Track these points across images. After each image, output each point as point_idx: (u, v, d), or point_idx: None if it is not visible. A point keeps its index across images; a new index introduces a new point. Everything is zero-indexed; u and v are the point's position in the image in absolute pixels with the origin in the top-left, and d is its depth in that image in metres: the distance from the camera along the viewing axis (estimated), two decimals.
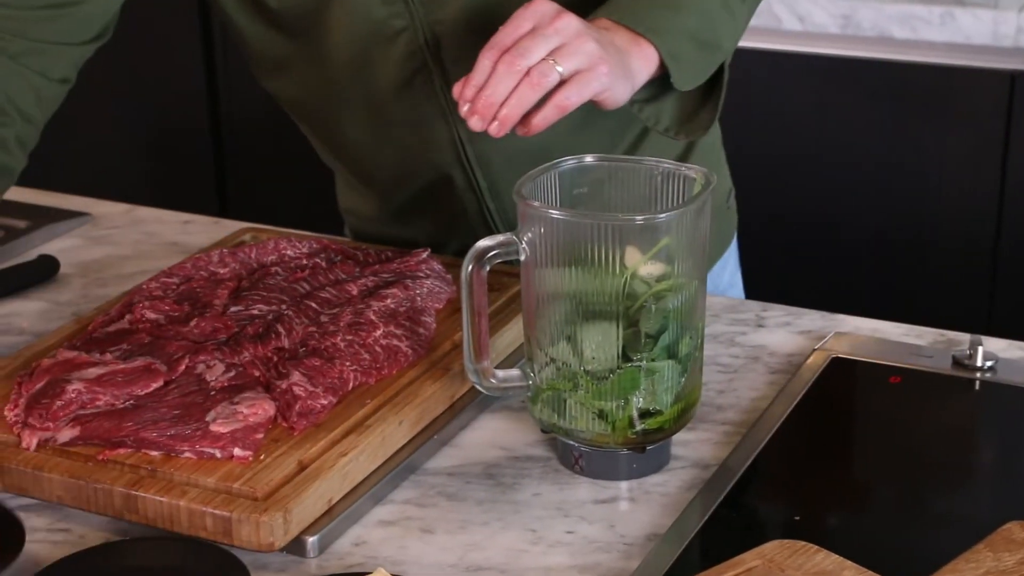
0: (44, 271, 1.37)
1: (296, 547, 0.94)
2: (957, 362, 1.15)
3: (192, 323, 1.12)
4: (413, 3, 1.18)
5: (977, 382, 1.14)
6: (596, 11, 1.11)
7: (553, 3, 1.05)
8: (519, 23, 1.03)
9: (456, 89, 1.03)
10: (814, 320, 1.26)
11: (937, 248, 2.24)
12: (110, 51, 3.02)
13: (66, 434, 0.99)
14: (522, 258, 1.00)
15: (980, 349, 1.15)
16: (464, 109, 1.02)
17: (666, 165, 1.04)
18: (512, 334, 1.15)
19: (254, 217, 1.65)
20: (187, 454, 0.97)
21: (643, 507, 1.00)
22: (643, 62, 1.09)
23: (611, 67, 1.04)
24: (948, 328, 1.23)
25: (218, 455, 0.97)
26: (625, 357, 0.98)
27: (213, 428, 0.99)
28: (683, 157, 1.34)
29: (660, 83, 1.14)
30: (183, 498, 0.93)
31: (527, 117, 1.03)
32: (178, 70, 2.80)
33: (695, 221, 0.99)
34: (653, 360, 0.98)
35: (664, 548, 0.93)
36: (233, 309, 1.14)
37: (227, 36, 2.75)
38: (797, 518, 0.97)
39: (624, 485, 1.02)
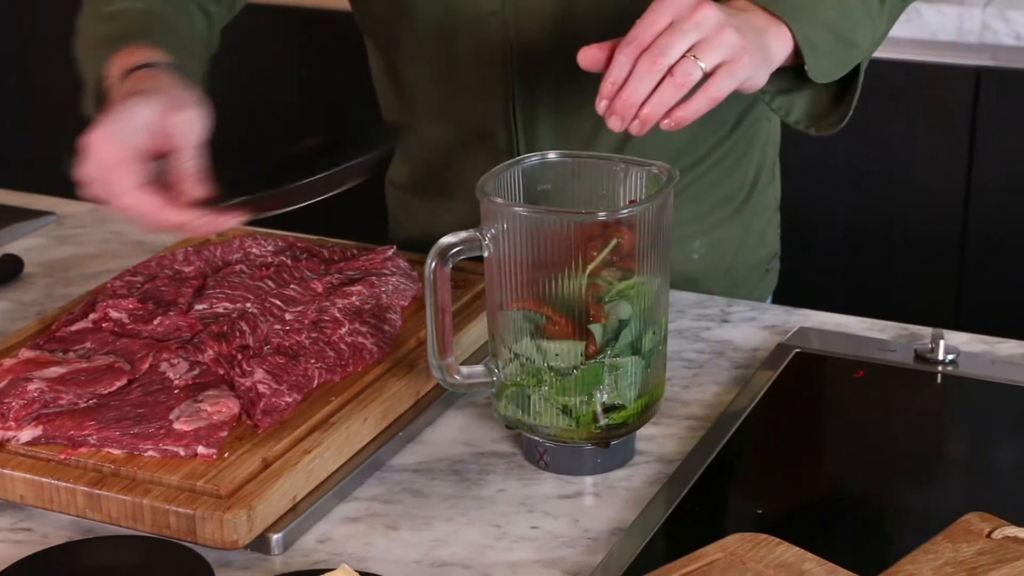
0: (8, 271, 1.37)
1: (260, 544, 0.94)
2: (919, 356, 1.16)
3: (156, 321, 1.12)
4: None
5: (939, 375, 1.15)
6: None
7: None
8: (657, 16, 1.01)
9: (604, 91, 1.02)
10: (778, 315, 1.26)
11: (904, 243, 2.26)
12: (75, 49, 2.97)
13: (28, 433, 0.99)
14: (486, 254, 1.00)
15: (942, 343, 1.16)
16: (601, 106, 1.01)
17: (629, 161, 1.04)
18: (477, 330, 1.15)
19: None
20: (150, 452, 0.97)
21: (607, 502, 1.00)
22: (780, 43, 1.07)
23: (752, 55, 1.03)
24: (915, 323, 1.24)
25: (182, 453, 0.97)
26: (588, 353, 0.98)
27: (177, 426, 0.98)
28: (740, 208, 1.37)
29: (794, 76, 1.13)
30: (146, 496, 0.93)
31: (672, 109, 1.01)
32: None
33: (658, 217, 0.99)
34: (616, 356, 0.99)
35: (628, 542, 0.94)
36: (197, 307, 1.14)
37: None
38: (760, 512, 0.98)
39: (588, 480, 1.03)
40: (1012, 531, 0.87)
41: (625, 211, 0.99)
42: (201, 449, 0.97)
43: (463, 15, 1.25)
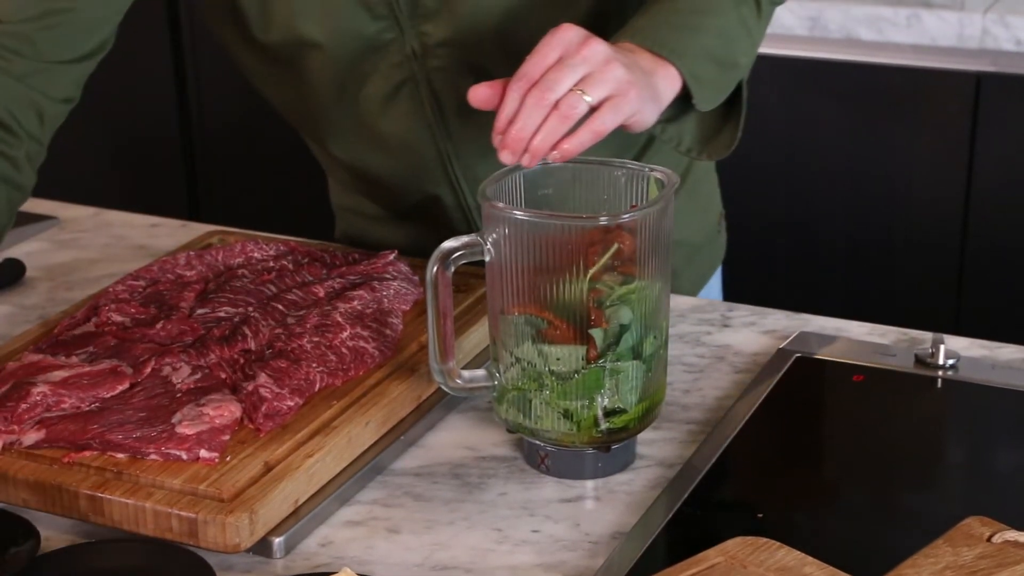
0: (10, 275, 1.37)
1: (262, 548, 0.95)
2: (920, 361, 1.16)
3: (158, 325, 1.12)
4: (401, 15, 1.19)
5: (939, 380, 1.15)
6: (617, 34, 1.11)
7: (580, 29, 1.04)
8: (546, 52, 1.03)
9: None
10: (779, 320, 1.27)
11: (904, 248, 2.26)
12: None
13: (31, 437, 0.99)
14: (487, 259, 1.01)
15: (942, 348, 1.16)
16: (496, 140, 1.02)
17: (630, 166, 1.05)
18: (479, 335, 1.15)
19: (224, 220, 1.65)
20: (153, 456, 0.97)
21: (608, 506, 1.00)
22: (668, 83, 1.10)
23: (639, 91, 1.04)
24: (915, 327, 1.24)
25: (184, 457, 0.97)
26: (589, 357, 0.98)
27: (179, 430, 0.99)
28: (684, 179, 1.36)
29: (680, 104, 1.14)
30: (149, 500, 0.93)
31: (559, 142, 1.02)
32: (147, 73, 2.80)
33: (659, 221, 1.00)
34: (617, 360, 0.99)
35: (629, 546, 0.94)
36: (199, 311, 1.14)
37: (195, 40, 2.75)
38: (760, 516, 0.98)
39: (589, 484, 1.03)
40: (1012, 535, 0.87)
41: (626, 216, 0.99)
42: (203, 453, 0.97)
43: (373, 89, 1.24)
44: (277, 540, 0.95)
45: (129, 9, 1.29)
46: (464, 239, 1.00)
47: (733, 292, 1.55)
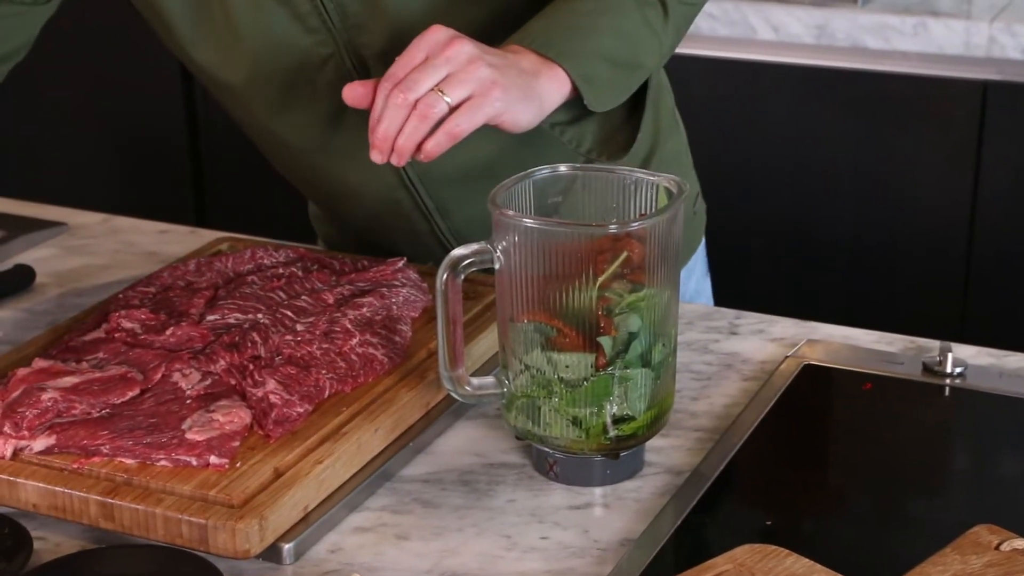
0: (20, 281, 1.38)
1: (272, 554, 0.95)
2: (927, 369, 1.16)
3: (168, 332, 1.12)
4: (335, 29, 1.18)
5: (947, 388, 1.15)
6: (509, 38, 1.11)
7: (448, 29, 1.05)
8: (413, 53, 1.05)
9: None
10: (787, 327, 1.27)
11: (911, 256, 2.26)
12: (86, 62, 3.02)
13: (41, 443, 0.99)
14: (496, 267, 1.01)
15: (950, 356, 1.16)
16: (371, 139, 1.04)
17: (639, 174, 1.05)
18: (487, 342, 1.16)
19: (232, 227, 1.66)
20: (163, 462, 0.98)
21: (617, 513, 1.00)
22: (553, 84, 1.10)
23: (505, 91, 1.05)
24: (922, 335, 1.24)
25: (194, 463, 0.97)
26: (598, 365, 0.99)
27: (189, 436, 0.99)
28: (645, 163, 1.34)
29: (580, 105, 1.14)
30: (159, 506, 0.94)
31: (420, 146, 1.04)
32: (156, 80, 2.80)
33: (668, 229, 1.00)
34: (626, 367, 0.99)
35: (637, 553, 0.94)
36: (209, 318, 1.15)
37: None
38: (769, 523, 0.98)
39: (598, 491, 1.03)
40: (1021, 543, 0.88)
41: (635, 224, 0.99)
42: (213, 459, 0.97)
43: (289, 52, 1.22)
44: (287, 546, 0.95)
45: (137, 17, 1.29)
46: (474, 247, 1.00)
47: (739, 298, 1.55)
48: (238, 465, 0.97)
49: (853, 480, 1.06)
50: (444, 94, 1.03)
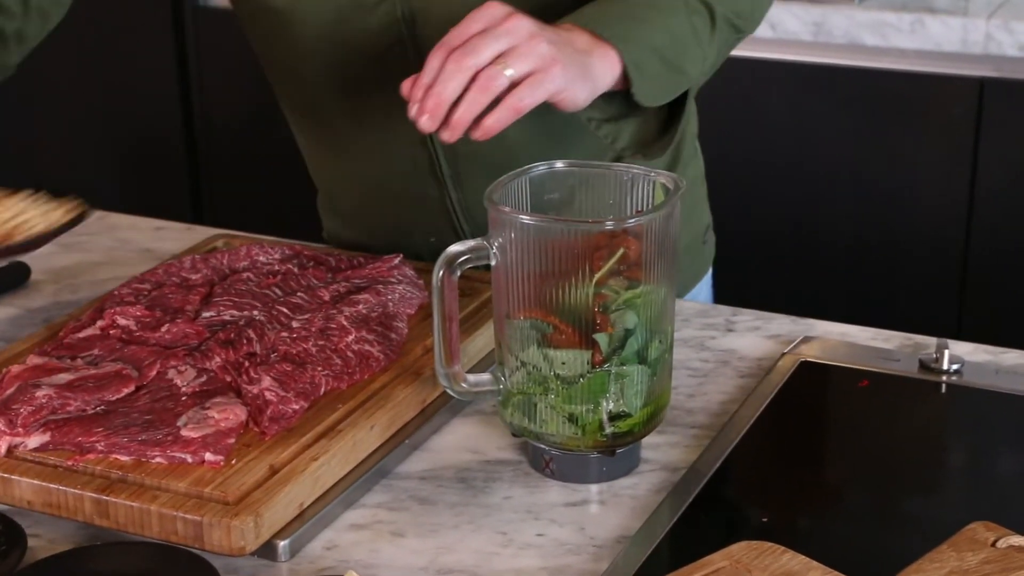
0: (15, 278, 1.37)
1: (267, 551, 0.95)
2: (924, 366, 1.16)
3: (163, 329, 1.12)
4: None
5: (943, 385, 1.15)
6: (562, 19, 1.11)
7: (505, 5, 1.04)
8: (469, 24, 1.03)
9: (404, 88, 1.02)
10: (783, 324, 1.27)
11: (908, 253, 2.26)
12: (83, 57, 3.02)
13: (36, 440, 0.99)
14: (493, 263, 1.01)
15: (946, 353, 1.16)
16: (413, 110, 1.01)
17: (636, 171, 1.05)
18: (484, 339, 1.16)
19: (229, 224, 1.65)
20: (158, 459, 0.97)
21: (613, 510, 1.00)
22: (606, 65, 1.08)
23: (565, 68, 1.03)
24: (919, 333, 1.24)
25: (189, 460, 0.97)
26: (594, 362, 0.99)
27: (184, 433, 0.99)
28: None
29: (621, 103, 1.13)
30: (154, 503, 0.94)
31: (480, 120, 1.01)
32: (152, 77, 2.80)
33: (665, 226, 1.00)
34: (622, 364, 0.99)
35: (633, 550, 0.94)
36: (204, 315, 1.15)
37: (200, 43, 2.75)
38: (765, 520, 0.98)
39: (594, 488, 1.03)
40: (1017, 540, 0.87)
41: (632, 220, 0.99)
42: (208, 456, 0.97)
43: (360, 48, 1.22)
44: (282, 543, 0.95)
45: (134, 13, 1.28)
46: (470, 243, 1.00)
47: (736, 296, 1.55)
48: (233, 462, 0.97)
49: (849, 477, 1.06)
50: (506, 67, 1.00)
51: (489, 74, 1.00)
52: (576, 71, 1.05)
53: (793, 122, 2.27)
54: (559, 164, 1.06)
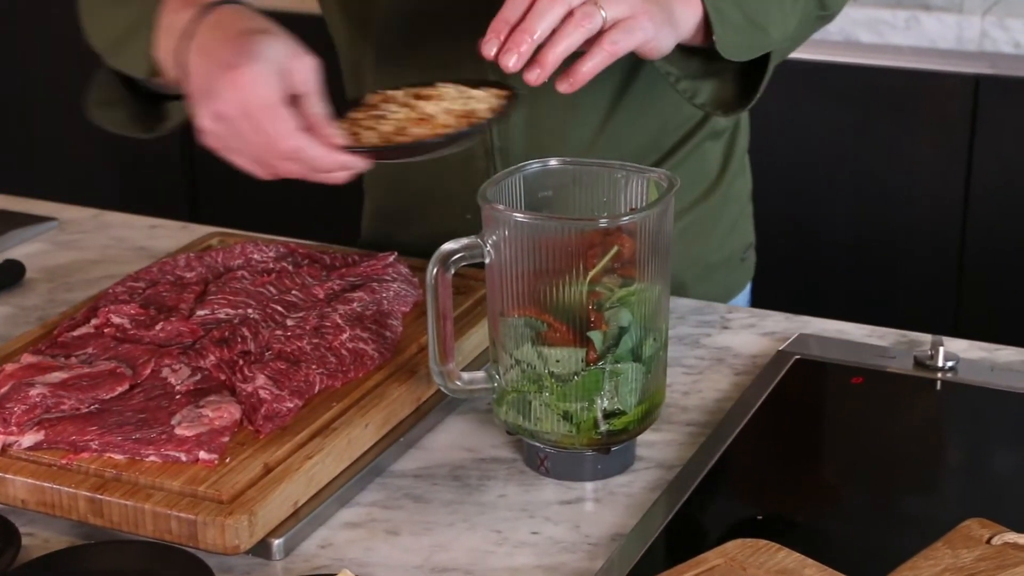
0: (9, 276, 1.37)
1: (262, 549, 0.94)
2: (919, 363, 1.16)
3: (157, 327, 1.12)
4: None
5: (938, 382, 1.15)
6: None
7: None
8: None
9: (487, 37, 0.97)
10: (778, 322, 1.27)
11: (904, 249, 2.26)
12: (78, 55, 3.00)
13: (30, 438, 0.99)
14: (487, 261, 1.01)
15: (941, 350, 1.16)
16: (491, 49, 0.96)
17: (629, 168, 1.05)
18: (479, 337, 1.15)
19: (225, 222, 1.65)
20: (152, 458, 0.97)
21: (608, 508, 1.00)
22: (688, 10, 1.05)
23: (652, 15, 1.00)
24: (916, 330, 1.24)
25: (183, 459, 0.97)
26: (589, 359, 0.98)
27: (178, 432, 0.99)
28: (706, 196, 1.35)
29: (702, 62, 1.10)
30: (148, 501, 0.93)
31: (571, 67, 0.98)
32: None
33: (659, 223, 1.00)
34: (617, 362, 0.99)
35: (628, 548, 0.94)
36: (199, 313, 1.14)
37: None
38: (760, 517, 0.98)
39: (589, 486, 1.03)
40: (1012, 537, 0.87)
41: (626, 218, 0.99)
42: (203, 454, 0.97)
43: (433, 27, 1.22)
44: (276, 542, 0.95)
45: None
46: (464, 241, 1.00)
47: None
48: (227, 461, 0.97)
49: (844, 474, 1.06)
50: (600, 8, 0.97)
51: (585, 11, 0.96)
52: (662, 17, 1.02)
53: (789, 119, 2.27)
54: (553, 161, 1.06)
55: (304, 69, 0.97)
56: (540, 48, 0.97)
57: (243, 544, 0.92)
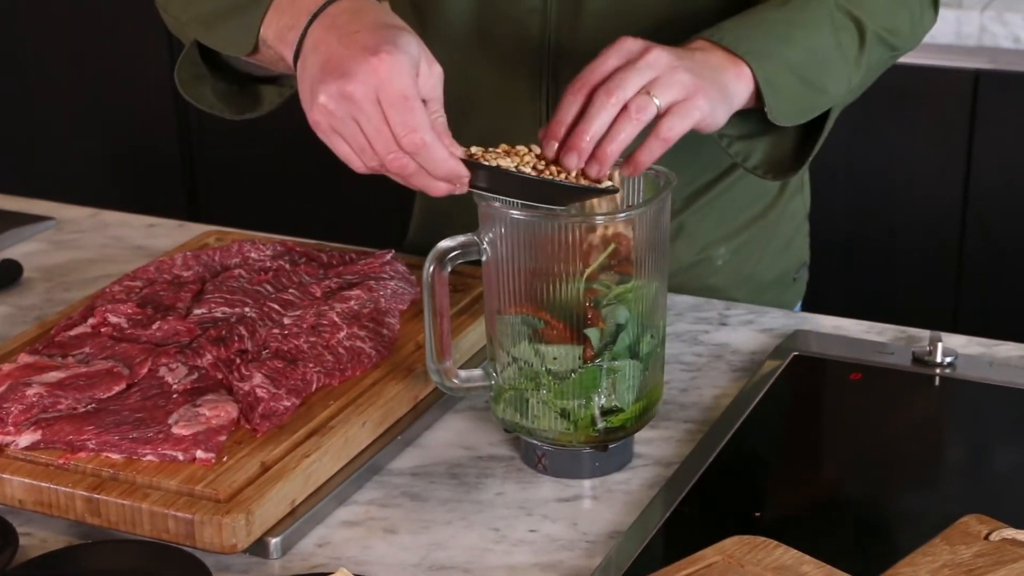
0: (7, 276, 1.37)
1: (259, 548, 0.94)
2: (917, 359, 1.16)
3: (154, 326, 1.12)
4: None
5: (937, 378, 1.15)
6: (699, 32, 1.08)
7: (641, 40, 1.02)
8: (606, 59, 1.01)
9: (541, 132, 1.00)
10: (776, 318, 1.26)
11: (902, 245, 2.26)
12: (77, 54, 3.01)
13: (27, 438, 0.99)
14: (483, 259, 1.00)
15: (940, 345, 1.16)
16: (550, 149, 0.98)
17: None
18: (476, 334, 1.15)
19: (222, 221, 1.65)
20: (149, 457, 0.97)
21: (605, 505, 1.00)
22: (739, 83, 1.06)
23: (707, 93, 1.01)
24: (915, 326, 1.24)
25: (180, 458, 0.97)
26: (586, 356, 0.98)
27: (175, 431, 0.99)
28: (762, 215, 1.34)
29: (757, 121, 1.11)
30: (145, 501, 0.93)
31: (630, 157, 1.00)
32: (145, 74, 2.80)
33: (655, 220, 0.99)
34: (614, 359, 0.99)
35: (626, 545, 0.94)
36: (196, 312, 1.14)
37: None
38: (758, 514, 0.98)
39: (587, 483, 1.03)
40: (1010, 533, 0.87)
41: (622, 215, 0.99)
42: (200, 453, 0.97)
43: (501, 12, 1.22)
44: (274, 540, 0.95)
45: (128, 11, 1.28)
46: (460, 238, 1.00)
47: None
48: (225, 460, 0.97)
49: (843, 471, 1.06)
50: (654, 96, 0.98)
51: (638, 104, 0.98)
52: (716, 94, 1.02)
53: None
54: None
55: (434, 75, 0.98)
56: (600, 142, 0.99)
57: (240, 543, 0.92)
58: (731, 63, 1.06)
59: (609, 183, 1.00)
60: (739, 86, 1.06)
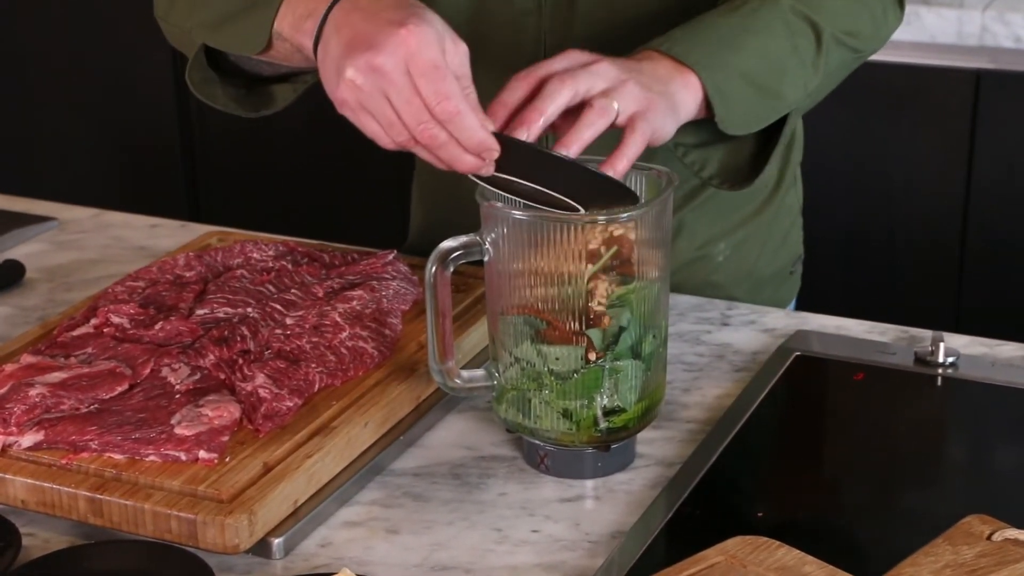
0: (9, 276, 1.37)
1: (262, 549, 0.94)
2: (919, 359, 1.16)
3: (157, 326, 1.12)
4: None
5: (939, 378, 1.15)
6: (649, 42, 1.07)
7: (587, 52, 1.01)
8: (551, 63, 1.00)
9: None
10: (778, 318, 1.26)
11: (904, 246, 2.26)
12: (79, 54, 3.01)
13: (30, 439, 0.99)
14: (486, 259, 1.00)
15: (942, 346, 1.16)
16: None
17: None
18: (478, 334, 1.15)
19: (225, 221, 1.65)
20: (152, 457, 0.97)
21: (608, 505, 1.00)
22: (687, 93, 1.05)
23: (656, 106, 1.00)
24: (917, 326, 1.24)
25: (183, 458, 0.97)
26: (588, 357, 0.98)
27: (178, 431, 0.99)
28: (757, 213, 1.34)
29: (711, 129, 1.10)
30: (148, 501, 0.93)
31: (612, 159, 0.99)
32: (147, 74, 2.80)
33: (658, 219, 0.99)
34: (616, 360, 0.99)
35: (628, 545, 0.94)
36: (198, 312, 1.14)
37: None
38: (760, 514, 0.98)
39: (589, 484, 1.03)
40: (1012, 533, 0.87)
41: (625, 215, 0.99)
42: (202, 454, 0.97)
43: (495, 14, 1.22)
44: (276, 541, 0.95)
45: (130, 11, 1.28)
46: (463, 239, 1.00)
47: None
48: (227, 460, 0.97)
49: (845, 471, 1.06)
50: (612, 100, 0.98)
51: (602, 103, 0.97)
52: (665, 105, 1.02)
53: None
54: None
55: (460, 52, 0.96)
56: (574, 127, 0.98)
57: (243, 543, 0.92)
58: (679, 73, 1.05)
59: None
60: (687, 96, 1.05)
